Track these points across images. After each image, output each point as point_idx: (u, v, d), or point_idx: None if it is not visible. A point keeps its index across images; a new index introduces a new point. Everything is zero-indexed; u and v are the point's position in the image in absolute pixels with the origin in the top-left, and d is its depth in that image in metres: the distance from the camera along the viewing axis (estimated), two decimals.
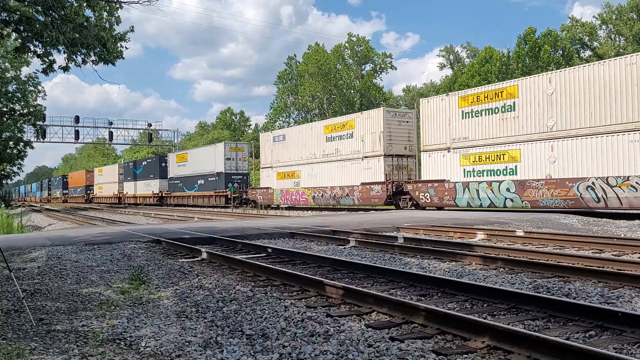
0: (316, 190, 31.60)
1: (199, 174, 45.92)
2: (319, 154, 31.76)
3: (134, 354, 4.15)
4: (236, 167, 43.44)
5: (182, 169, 49.66)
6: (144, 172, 58.00)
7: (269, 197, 35.94)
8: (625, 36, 51.94)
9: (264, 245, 11.00)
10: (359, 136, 28.75)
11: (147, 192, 56.28)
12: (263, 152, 37.41)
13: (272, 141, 36.50)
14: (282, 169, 35.25)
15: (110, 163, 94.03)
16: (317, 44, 73.64)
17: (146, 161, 59.69)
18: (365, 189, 27.75)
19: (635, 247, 9.59)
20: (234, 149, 43.54)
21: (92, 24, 9.59)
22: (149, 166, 57.11)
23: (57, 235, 14.54)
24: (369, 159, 28.05)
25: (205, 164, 45.18)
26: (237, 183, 41.71)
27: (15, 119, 33.60)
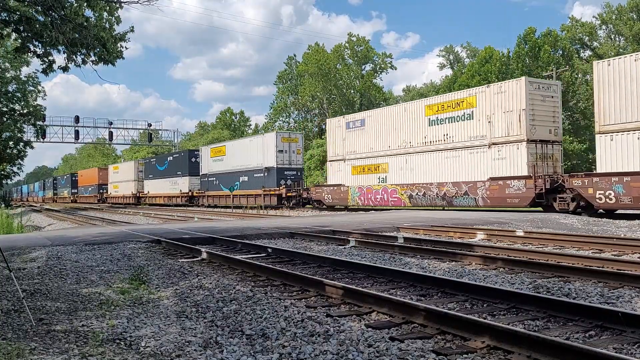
0: (413, 187, 25.39)
1: (241, 170, 39.82)
2: (418, 141, 25.30)
3: (134, 354, 4.15)
4: (289, 160, 36.65)
5: (219, 165, 43.53)
6: (170, 168, 51.76)
7: (341, 197, 29.96)
8: (625, 36, 51.93)
9: (264, 245, 11.00)
10: (483, 117, 22.13)
11: (174, 191, 50.55)
12: (332, 141, 31.07)
13: (344, 128, 30.00)
14: (360, 162, 28.84)
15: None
16: (317, 44, 73.67)
17: (172, 156, 52.75)
18: (497, 185, 21.28)
19: (635, 247, 9.59)
20: (286, 140, 36.65)
21: (92, 24, 9.59)
22: (176, 162, 50.89)
23: (57, 235, 14.54)
24: (501, 147, 21.49)
25: (250, 158, 38.77)
26: (290, 180, 36.15)
27: (15, 119, 33.57)
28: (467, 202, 22.91)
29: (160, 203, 53.92)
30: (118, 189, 66.30)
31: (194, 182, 47.71)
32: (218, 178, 43.47)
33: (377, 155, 27.89)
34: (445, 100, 24.44)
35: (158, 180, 54.45)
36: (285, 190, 34.84)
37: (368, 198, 28.12)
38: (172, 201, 50.95)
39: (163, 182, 53.10)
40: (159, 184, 54.14)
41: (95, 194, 73.81)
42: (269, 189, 36.22)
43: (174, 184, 50.52)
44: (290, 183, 35.73)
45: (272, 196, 35.95)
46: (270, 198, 36.10)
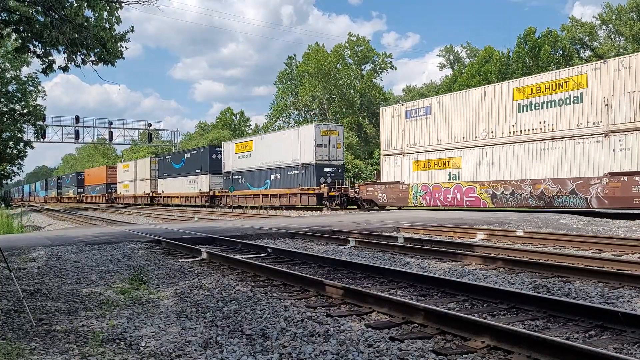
0: (497, 185, 21.39)
1: (273, 167, 35.90)
2: (503, 130, 21.40)
3: (134, 354, 4.15)
4: (329, 156, 32.56)
5: (245, 162, 39.26)
6: (188, 166, 47.59)
7: (399, 196, 25.75)
8: (625, 36, 51.94)
9: (264, 245, 11.00)
10: (597, 99, 18.37)
11: (193, 190, 46.39)
12: (387, 133, 27.05)
13: (403, 117, 25.90)
14: (424, 156, 24.71)
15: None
16: (317, 44, 73.71)
17: (190, 153, 48.56)
18: (618, 182, 17.53)
19: (635, 247, 9.59)
20: (326, 133, 32.50)
21: (92, 24, 9.59)
22: (194, 159, 46.71)
23: (57, 235, 14.54)
24: (624, 135, 17.65)
25: (283, 154, 34.82)
26: (330, 177, 32.11)
27: (15, 119, 33.59)
28: (574, 203, 18.85)
29: (177, 203, 49.85)
30: (128, 189, 61.98)
31: (215, 181, 43.41)
32: (244, 176, 39.28)
33: (447, 148, 23.66)
34: (542, 81, 20.50)
35: (174, 179, 50.18)
36: (327, 189, 30.91)
37: (435, 197, 23.98)
38: (191, 201, 46.75)
39: (180, 181, 48.82)
40: (175, 183, 49.85)
41: (104, 193, 69.65)
42: (306, 187, 32.39)
43: (192, 183, 46.23)
44: (330, 181, 31.79)
45: (310, 195, 32.10)
46: (308, 198, 32.33)
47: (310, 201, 32.29)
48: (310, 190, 32.08)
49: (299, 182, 33.27)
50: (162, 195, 52.79)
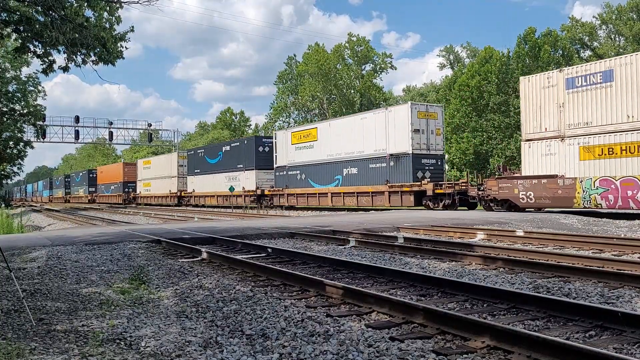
0: None
1: (346, 159, 29.49)
2: None
3: (134, 353, 4.15)
4: (427, 144, 25.77)
5: (306, 154, 32.71)
6: (226, 160, 41.53)
7: (556, 195, 19.03)
8: (625, 36, 51.94)
9: (264, 245, 11.00)
10: None
11: None
12: (532, 110, 20.40)
13: (562, 88, 19.33)
14: (600, 140, 18.08)
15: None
16: (317, 44, 73.70)
17: (229, 146, 42.16)
18: None
19: (635, 247, 9.59)
20: (423, 115, 25.60)
21: (92, 24, 9.60)
22: (235, 152, 40.38)
23: (57, 235, 14.54)
24: None
25: (362, 142, 28.22)
26: (428, 171, 25.61)
27: (15, 119, 33.60)
28: None
29: (212, 204, 43.45)
30: (150, 187, 55.80)
31: (262, 178, 37.40)
32: (305, 171, 32.86)
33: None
34: None
35: (208, 176, 43.93)
36: (431, 186, 24.51)
37: (626, 197, 17.18)
38: (230, 201, 40.15)
39: (216, 178, 42.51)
40: (210, 181, 43.60)
41: (120, 193, 63.31)
42: (399, 184, 25.78)
43: (232, 180, 39.92)
44: (430, 175, 25.26)
45: (405, 194, 25.53)
46: (401, 197, 25.68)
47: (405, 201, 25.54)
48: (406, 187, 25.32)
49: (386, 177, 26.59)
50: (192, 195, 46.53)
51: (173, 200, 50.42)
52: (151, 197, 55.87)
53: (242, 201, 38.98)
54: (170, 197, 50.78)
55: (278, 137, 36.44)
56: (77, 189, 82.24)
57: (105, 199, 69.25)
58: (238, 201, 39.48)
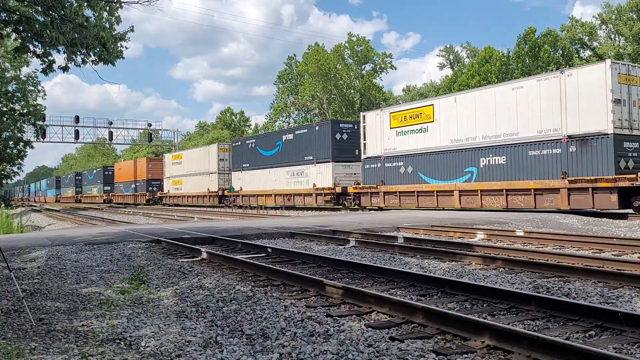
0: None
1: (483, 145, 21.87)
2: None
3: (134, 353, 4.15)
4: (629, 120, 18.03)
5: (416, 139, 24.76)
6: (288, 152, 34.07)
7: None
8: (625, 36, 51.95)
9: (264, 245, 11.00)
10: None
11: (299, 186, 32.79)
12: None
13: None
14: None
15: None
16: (317, 43, 73.73)
17: (293, 134, 34.34)
18: None
19: (635, 247, 9.59)
20: (625, 79, 18.13)
21: (92, 24, 9.59)
22: (299, 142, 33.05)
23: (57, 235, 14.54)
24: None
25: (515, 120, 20.64)
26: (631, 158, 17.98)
27: (15, 119, 33.59)
28: None
29: (269, 205, 36.00)
30: (181, 186, 48.55)
31: (340, 172, 30.22)
32: (414, 162, 25.07)
33: None
34: None
35: (262, 172, 36.64)
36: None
37: None
38: (295, 201, 33.17)
39: (273, 174, 35.35)
40: (264, 177, 36.35)
41: (143, 192, 56.77)
42: (590, 177, 17.94)
43: (297, 176, 32.97)
44: (633, 165, 17.92)
45: (602, 192, 17.73)
46: (594, 195, 17.95)
47: (600, 201, 17.85)
48: (604, 181, 17.61)
49: (562, 167, 19.00)
50: (239, 194, 39.11)
51: (212, 200, 43.11)
52: (182, 197, 48.19)
53: (313, 201, 31.36)
54: (209, 196, 43.28)
55: (368, 120, 27.81)
56: (90, 187, 75.09)
57: (124, 198, 61.95)
58: (306, 201, 32.16)
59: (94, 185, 72.78)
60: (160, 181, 54.83)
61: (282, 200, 34.52)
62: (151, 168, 56.52)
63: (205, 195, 44.04)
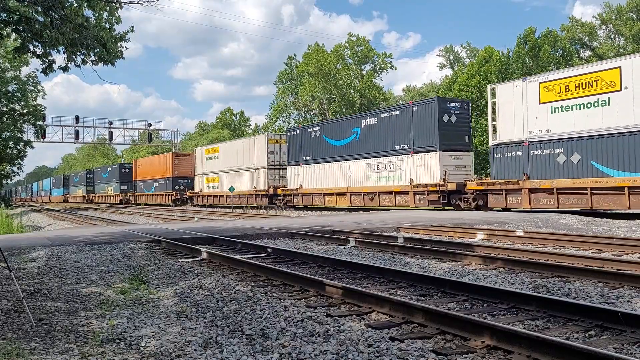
0: None
1: None
2: None
3: (134, 353, 4.15)
4: None
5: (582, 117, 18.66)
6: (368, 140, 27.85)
7: None
8: (625, 36, 51.95)
9: (264, 245, 11.00)
10: None
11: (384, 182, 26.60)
12: None
13: None
14: None
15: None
16: (317, 43, 73.74)
17: (376, 117, 27.79)
18: None
19: (635, 247, 9.59)
20: None
21: (92, 24, 9.59)
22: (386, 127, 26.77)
23: (57, 235, 14.54)
24: None
25: None
26: None
27: (15, 119, 33.61)
28: None
29: (342, 206, 29.85)
30: (217, 184, 42.34)
31: (449, 164, 23.99)
32: (581, 147, 18.75)
33: None
34: None
35: (332, 165, 30.32)
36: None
37: None
38: (383, 201, 26.79)
39: (347, 168, 29.11)
40: (335, 172, 30.06)
41: (169, 191, 49.76)
42: None
43: (383, 170, 26.82)
44: None
45: None
46: None
47: None
48: None
49: None
50: (298, 192, 32.84)
51: (260, 200, 36.76)
52: (219, 196, 42.07)
53: (409, 201, 25.05)
54: (256, 195, 36.97)
55: (501, 94, 20.97)
56: (103, 186, 68.61)
57: (146, 198, 55.60)
58: (399, 201, 25.77)
59: (109, 184, 66.15)
60: (188, 179, 49.00)
61: (360, 199, 28.14)
62: (178, 164, 49.94)
63: (251, 195, 37.38)
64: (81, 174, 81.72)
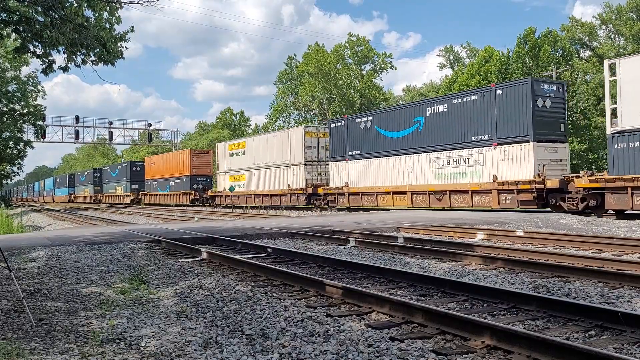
0: None
1: None
2: None
3: (134, 353, 4.15)
4: None
5: None
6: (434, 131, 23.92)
7: None
8: (625, 36, 51.95)
9: (264, 245, 11.00)
10: None
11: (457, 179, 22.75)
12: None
13: None
14: None
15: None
16: (317, 43, 73.74)
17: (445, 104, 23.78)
18: None
19: (635, 247, 9.59)
20: None
21: (92, 24, 9.59)
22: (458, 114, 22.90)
23: (57, 235, 14.54)
24: None
25: None
26: None
27: (15, 119, 33.61)
28: None
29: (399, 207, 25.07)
30: (243, 182, 38.35)
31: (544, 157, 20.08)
32: None
33: None
34: None
35: (386, 161, 26.19)
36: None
37: None
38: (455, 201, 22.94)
39: (407, 163, 25.05)
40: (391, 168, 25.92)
41: (186, 190, 46.18)
42: None
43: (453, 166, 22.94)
44: None
45: None
46: None
47: None
48: None
49: None
50: (344, 191, 28.57)
51: (296, 200, 32.59)
52: (246, 196, 37.88)
53: (491, 201, 21.25)
54: (291, 195, 32.78)
55: (624, 70, 17.57)
56: (112, 185, 64.99)
57: (160, 198, 51.84)
58: (476, 201, 22.02)
59: (119, 183, 62.22)
60: (207, 177, 46.24)
61: (424, 199, 24.05)
62: (196, 162, 46.36)
63: (285, 194, 33.42)
64: (88, 172, 77.67)
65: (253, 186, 37.16)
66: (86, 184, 75.08)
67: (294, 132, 33.76)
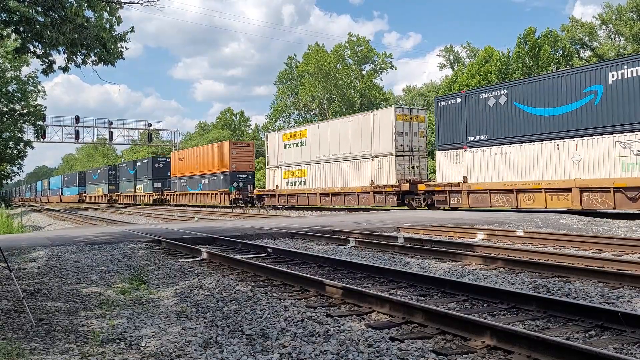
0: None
1: None
2: None
3: (134, 353, 4.15)
4: None
5: None
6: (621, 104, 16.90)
7: None
8: (625, 36, 51.95)
9: (264, 245, 11.00)
10: None
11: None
12: None
13: None
14: None
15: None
16: (317, 43, 73.77)
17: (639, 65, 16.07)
18: None
19: (635, 247, 9.59)
20: None
21: (92, 24, 9.59)
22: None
23: (58, 235, 14.54)
24: None
25: None
26: None
27: (15, 119, 33.63)
28: None
29: (556, 209, 19.22)
30: (304, 179, 32.25)
31: None
32: None
33: None
34: None
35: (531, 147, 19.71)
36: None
37: None
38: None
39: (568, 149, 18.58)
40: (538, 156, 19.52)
41: (226, 189, 38.93)
42: None
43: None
44: None
45: None
46: None
47: None
48: None
49: None
50: (461, 189, 22.13)
51: (384, 200, 26.15)
52: (308, 195, 31.60)
53: None
54: (376, 193, 26.64)
55: None
56: (130, 184, 58.39)
57: (190, 198, 44.66)
58: None
59: (139, 182, 55.60)
60: (248, 174, 39.64)
61: (601, 199, 17.51)
62: (236, 155, 39.28)
63: (366, 193, 27.19)
64: (101, 170, 70.62)
65: (318, 183, 30.87)
66: (99, 183, 68.63)
67: (379, 115, 27.19)
